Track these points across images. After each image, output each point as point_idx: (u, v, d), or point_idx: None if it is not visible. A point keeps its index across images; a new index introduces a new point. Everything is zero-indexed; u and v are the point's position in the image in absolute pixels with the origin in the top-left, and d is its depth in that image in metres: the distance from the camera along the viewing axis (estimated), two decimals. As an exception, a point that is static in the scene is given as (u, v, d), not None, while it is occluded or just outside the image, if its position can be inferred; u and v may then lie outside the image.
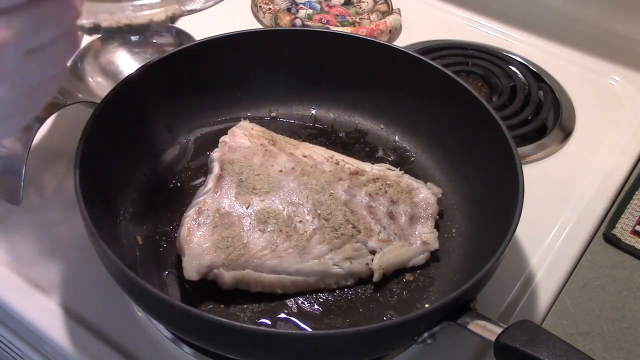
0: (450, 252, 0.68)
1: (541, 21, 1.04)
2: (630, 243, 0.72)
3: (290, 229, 0.64)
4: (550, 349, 0.48)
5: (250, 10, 1.06)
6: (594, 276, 0.69)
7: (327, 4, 1.05)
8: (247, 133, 0.73)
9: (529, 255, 0.71)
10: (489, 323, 0.52)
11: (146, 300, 0.54)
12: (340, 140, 0.80)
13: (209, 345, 0.56)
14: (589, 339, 0.63)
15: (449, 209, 0.72)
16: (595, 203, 0.77)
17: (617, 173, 0.81)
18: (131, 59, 0.90)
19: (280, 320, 0.61)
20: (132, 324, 0.63)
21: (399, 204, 0.69)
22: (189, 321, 0.51)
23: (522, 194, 0.60)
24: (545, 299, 0.67)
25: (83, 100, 0.77)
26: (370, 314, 0.62)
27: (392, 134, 0.81)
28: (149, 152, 0.74)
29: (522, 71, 0.95)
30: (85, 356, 0.60)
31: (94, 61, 0.89)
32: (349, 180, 0.70)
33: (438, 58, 0.94)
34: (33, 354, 0.72)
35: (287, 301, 0.63)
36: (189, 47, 0.76)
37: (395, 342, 0.56)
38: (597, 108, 0.91)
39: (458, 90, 0.72)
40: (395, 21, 1.00)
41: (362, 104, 0.82)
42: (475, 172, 0.72)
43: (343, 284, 0.64)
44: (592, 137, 0.87)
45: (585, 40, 1.01)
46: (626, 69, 0.98)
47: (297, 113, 0.83)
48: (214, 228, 0.62)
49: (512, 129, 0.82)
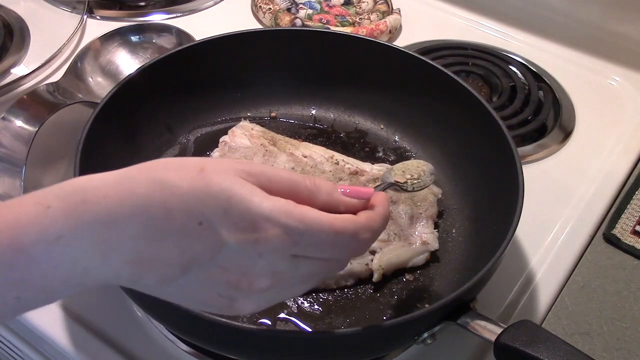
0: (450, 252, 0.68)
1: (541, 21, 1.03)
2: (630, 243, 0.71)
3: (290, 229, 0.64)
4: (550, 349, 0.48)
5: (250, 10, 1.06)
6: (594, 276, 0.69)
7: (327, 4, 1.05)
8: (247, 133, 0.73)
9: (529, 255, 0.71)
10: (489, 323, 0.52)
11: (146, 300, 0.54)
12: (340, 140, 0.80)
13: (209, 345, 0.56)
14: (589, 339, 0.63)
15: (449, 209, 0.72)
16: (595, 203, 0.77)
17: (617, 173, 0.81)
18: (131, 59, 0.91)
19: (280, 320, 0.61)
20: (132, 324, 0.63)
21: (398, 204, 0.69)
22: (189, 321, 0.51)
23: (522, 194, 0.60)
24: (545, 299, 0.67)
25: (83, 100, 0.77)
26: (370, 314, 0.62)
27: (392, 134, 0.81)
28: (149, 152, 0.74)
29: (522, 71, 0.94)
30: (85, 356, 0.60)
31: (94, 61, 0.89)
32: (349, 181, 0.70)
33: (438, 58, 0.94)
34: (33, 354, 0.72)
35: (287, 301, 0.63)
36: (189, 47, 0.76)
37: (395, 342, 0.56)
38: (597, 108, 0.91)
39: (458, 90, 0.72)
40: (395, 21, 1.00)
41: (362, 104, 0.82)
42: (475, 172, 0.72)
43: (343, 284, 0.64)
44: (592, 137, 0.87)
45: (585, 40, 1.01)
46: (626, 69, 0.98)
47: (297, 113, 0.83)
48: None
49: (512, 129, 0.82)
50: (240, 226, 0.37)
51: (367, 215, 0.42)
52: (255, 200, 0.37)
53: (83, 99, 0.77)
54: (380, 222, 0.42)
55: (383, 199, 0.43)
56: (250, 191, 0.38)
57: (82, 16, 0.97)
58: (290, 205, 0.38)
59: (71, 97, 0.80)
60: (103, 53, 0.90)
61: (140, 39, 0.94)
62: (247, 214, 0.37)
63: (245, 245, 0.37)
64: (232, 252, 0.38)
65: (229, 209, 0.37)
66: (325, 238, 0.39)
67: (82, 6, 0.99)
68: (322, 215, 0.39)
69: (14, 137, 0.70)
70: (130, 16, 1.02)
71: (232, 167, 0.39)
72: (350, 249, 0.41)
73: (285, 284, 0.40)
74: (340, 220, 0.40)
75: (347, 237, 0.40)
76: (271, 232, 0.37)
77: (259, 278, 0.39)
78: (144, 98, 0.71)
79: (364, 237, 0.41)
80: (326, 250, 0.40)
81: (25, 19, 0.98)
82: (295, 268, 0.40)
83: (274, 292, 0.40)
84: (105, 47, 0.91)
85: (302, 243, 0.38)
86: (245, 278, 0.39)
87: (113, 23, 0.97)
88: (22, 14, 0.99)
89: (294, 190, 0.40)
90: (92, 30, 0.97)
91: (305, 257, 0.40)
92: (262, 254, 0.38)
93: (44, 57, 0.89)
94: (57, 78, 0.85)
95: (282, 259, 0.39)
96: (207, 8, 1.05)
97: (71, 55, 0.91)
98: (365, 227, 0.41)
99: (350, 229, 0.40)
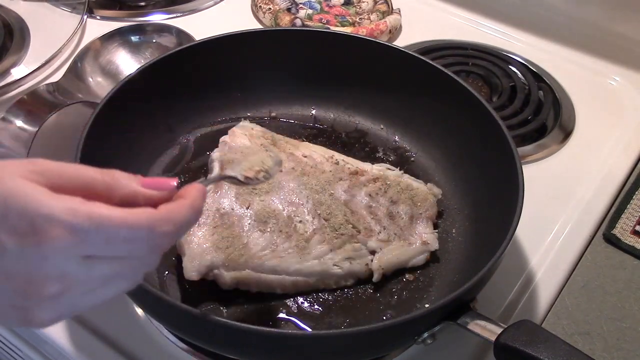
0: (450, 252, 0.68)
1: (541, 21, 1.04)
2: (630, 243, 0.71)
3: (290, 229, 0.64)
4: (550, 349, 0.48)
5: (250, 10, 1.06)
6: (594, 276, 0.69)
7: (327, 4, 1.05)
8: (247, 133, 0.73)
9: (529, 255, 0.71)
10: (489, 323, 0.52)
11: (146, 300, 0.54)
12: (340, 140, 0.80)
13: (209, 345, 0.56)
14: (589, 339, 0.63)
15: (449, 209, 0.72)
16: (595, 203, 0.77)
17: (617, 173, 0.81)
18: (131, 59, 0.91)
19: (280, 320, 0.61)
20: (132, 324, 0.63)
21: (398, 204, 0.69)
22: (189, 321, 0.51)
23: (522, 194, 0.60)
24: (545, 299, 0.67)
25: (83, 100, 0.77)
26: (370, 314, 0.62)
27: (392, 134, 0.81)
28: (149, 152, 0.74)
29: (522, 71, 0.95)
30: (85, 356, 0.60)
31: (94, 61, 0.89)
32: (349, 180, 0.70)
33: (438, 58, 0.94)
34: (33, 354, 0.72)
35: (287, 301, 0.63)
36: (189, 47, 0.76)
37: (395, 342, 0.56)
38: (597, 108, 0.91)
39: (458, 90, 0.72)
40: (395, 21, 1.00)
41: (362, 104, 0.82)
42: (475, 172, 0.72)
43: (343, 284, 0.64)
44: (592, 137, 0.87)
45: (585, 40, 1.01)
46: (626, 69, 0.98)
47: (297, 113, 0.83)
48: (214, 228, 0.62)
49: (512, 129, 0.82)
50: (19, 229, 0.35)
51: (166, 207, 0.39)
52: (35, 200, 0.35)
53: (83, 99, 0.77)
54: (184, 213, 0.39)
55: (193, 191, 0.41)
56: (31, 191, 0.35)
57: (82, 16, 0.97)
58: (76, 202, 0.36)
59: (71, 97, 0.80)
60: (103, 53, 0.90)
61: (140, 39, 0.94)
62: (25, 215, 0.35)
63: (27, 249, 0.35)
64: (13, 257, 0.35)
65: (5, 209, 0.35)
66: (116, 234, 0.36)
67: (82, 6, 0.99)
68: (112, 211, 0.36)
69: (14, 137, 0.70)
70: (130, 16, 1.02)
71: (17, 168, 0.36)
72: (151, 245, 0.38)
73: (81, 288, 0.38)
74: (133, 214, 0.37)
75: (143, 232, 0.37)
76: (53, 232, 0.35)
77: (47, 283, 0.36)
78: (144, 98, 0.71)
79: (164, 230, 0.38)
80: (120, 247, 0.37)
81: (25, 19, 0.98)
82: (88, 269, 0.37)
83: (71, 298, 0.38)
84: (105, 47, 0.91)
85: (91, 242, 0.36)
86: (32, 285, 0.36)
87: (113, 23, 0.97)
88: (22, 14, 0.99)
89: (89, 185, 0.38)
90: (92, 30, 0.97)
91: (99, 258, 0.37)
92: (47, 257, 0.35)
93: (44, 57, 0.89)
94: (57, 78, 0.85)
95: (71, 261, 0.36)
96: (207, 8, 1.05)
97: (71, 55, 0.91)
98: (164, 219, 0.38)
99: (144, 222, 0.37)
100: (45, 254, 0.35)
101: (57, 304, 0.37)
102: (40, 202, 0.35)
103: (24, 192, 0.35)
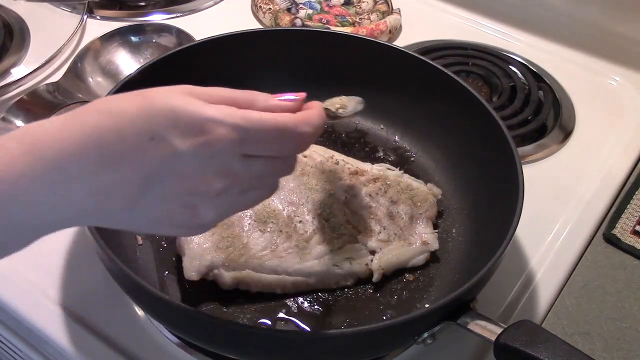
0: (450, 252, 0.68)
1: (541, 21, 1.04)
2: (630, 243, 0.72)
3: (290, 229, 0.64)
4: (550, 349, 0.48)
5: (250, 10, 1.06)
6: (594, 276, 0.69)
7: (327, 4, 1.05)
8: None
9: (529, 255, 0.71)
10: (489, 323, 0.52)
11: (146, 300, 0.54)
12: (340, 140, 0.80)
13: (209, 345, 0.56)
14: (589, 339, 0.63)
15: (449, 209, 0.72)
16: (595, 203, 0.77)
17: (617, 173, 0.81)
18: (131, 59, 0.91)
19: (280, 320, 0.61)
20: (132, 324, 0.63)
21: (398, 204, 0.69)
22: (189, 321, 0.51)
23: (522, 194, 0.60)
24: (545, 299, 0.67)
25: (83, 100, 0.77)
26: (370, 314, 0.62)
27: (392, 134, 0.81)
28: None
29: (522, 71, 0.95)
30: (85, 356, 0.60)
31: (94, 61, 0.89)
32: (349, 181, 0.70)
33: (438, 58, 0.94)
34: (33, 354, 0.72)
35: (287, 301, 0.63)
36: (189, 47, 0.76)
37: (395, 342, 0.56)
38: (597, 108, 0.91)
39: (458, 90, 0.72)
40: (395, 21, 1.00)
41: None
42: (475, 172, 0.72)
43: (343, 284, 0.64)
44: (592, 137, 0.87)
45: (585, 40, 1.01)
46: (626, 69, 0.98)
47: (297, 113, 0.83)
48: (214, 228, 0.62)
49: (512, 129, 0.82)
50: (189, 132, 0.40)
51: (303, 112, 0.46)
52: (199, 107, 0.41)
53: (83, 99, 0.77)
54: (317, 117, 0.46)
55: (316, 104, 0.48)
56: (194, 102, 0.41)
57: (82, 16, 0.97)
58: (232, 109, 0.42)
59: (71, 97, 0.80)
60: (103, 53, 0.90)
61: (140, 39, 0.94)
62: (193, 119, 0.40)
63: (198, 149, 0.40)
64: (186, 158, 0.40)
65: (175, 119, 0.40)
66: (269, 133, 0.42)
67: (82, 6, 0.99)
68: (263, 114, 0.43)
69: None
70: (130, 16, 1.02)
71: (170, 90, 0.42)
72: (295, 144, 0.45)
73: (240, 186, 0.43)
74: (280, 116, 0.43)
75: (290, 131, 0.43)
76: (218, 131, 0.40)
77: (215, 178, 0.42)
78: (144, 98, 0.70)
79: (305, 130, 0.44)
80: (273, 145, 0.43)
81: (25, 19, 0.98)
82: (247, 167, 0.43)
83: (232, 196, 0.43)
84: (105, 47, 0.91)
85: (249, 140, 0.42)
86: (203, 181, 0.41)
87: (113, 23, 0.97)
88: (22, 14, 0.99)
89: (233, 100, 0.43)
90: (92, 30, 0.97)
91: (255, 157, 0.43)
92: (214, 155, 0.41)
93: (44, 57, 0.89)
94: (57, 78, 0.85)
95: (234, 158, 0.42)
96: (207, 8, 1.05)
97: (71, 55, 0.91)
98: (304, 120, 0.44)
99: (292, 121, 0.44)
100: (213, 151, 0.41)
101: (220, 200, 0.43)
102: (204, 109, 0.41)
103: (189, 103, 0.41)
